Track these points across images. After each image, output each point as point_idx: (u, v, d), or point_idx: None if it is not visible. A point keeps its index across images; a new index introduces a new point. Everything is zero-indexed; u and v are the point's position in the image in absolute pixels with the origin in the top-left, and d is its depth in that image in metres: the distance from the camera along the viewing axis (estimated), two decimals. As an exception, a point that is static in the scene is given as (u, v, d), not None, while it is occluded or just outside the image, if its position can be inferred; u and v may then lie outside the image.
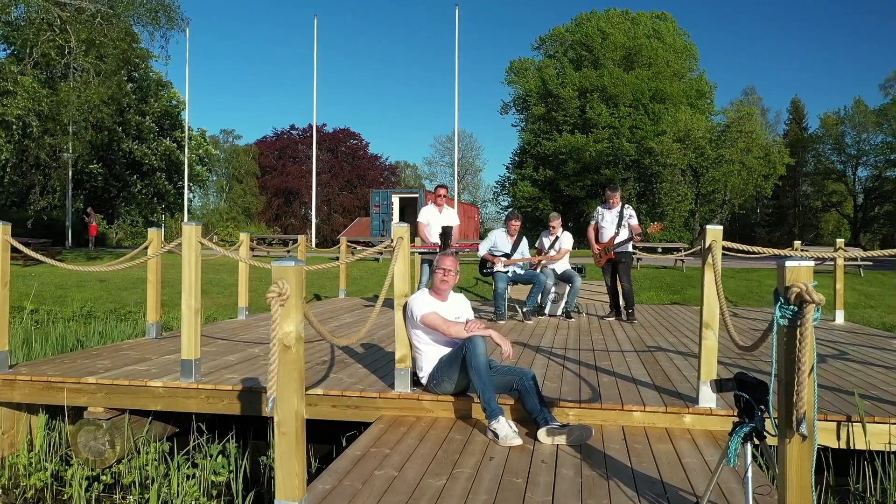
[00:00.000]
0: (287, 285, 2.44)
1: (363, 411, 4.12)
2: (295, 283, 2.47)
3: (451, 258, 4.19)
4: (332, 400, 4.14)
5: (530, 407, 3.73)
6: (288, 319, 2.46)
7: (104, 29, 13.27)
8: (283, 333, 2.46)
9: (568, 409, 3.93)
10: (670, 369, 5.02)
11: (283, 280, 2.44)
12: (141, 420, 4.63)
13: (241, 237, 7.99)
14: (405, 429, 3.80)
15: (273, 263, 2.46)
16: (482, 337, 3.81)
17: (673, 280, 15.84)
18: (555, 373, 4.81)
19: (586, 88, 44.08)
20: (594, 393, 4.18)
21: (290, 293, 2.44)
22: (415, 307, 4.04)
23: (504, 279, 7.93)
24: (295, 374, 2.49)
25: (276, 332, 2.43)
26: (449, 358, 3.94)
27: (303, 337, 2.54)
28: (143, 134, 33.61)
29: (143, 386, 4.35)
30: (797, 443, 2.20)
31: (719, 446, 3.50)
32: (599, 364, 5.20)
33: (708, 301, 3.80)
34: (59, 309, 11.72)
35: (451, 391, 4.00)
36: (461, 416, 4.00)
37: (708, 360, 3.82)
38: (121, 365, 4.92)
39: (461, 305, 4.30)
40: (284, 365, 2.47)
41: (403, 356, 4.14)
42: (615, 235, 8.04)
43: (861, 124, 45.67)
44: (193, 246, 4.33)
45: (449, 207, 8.18)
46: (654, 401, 4.00)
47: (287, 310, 2.46)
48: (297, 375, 2.50)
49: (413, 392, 4.10)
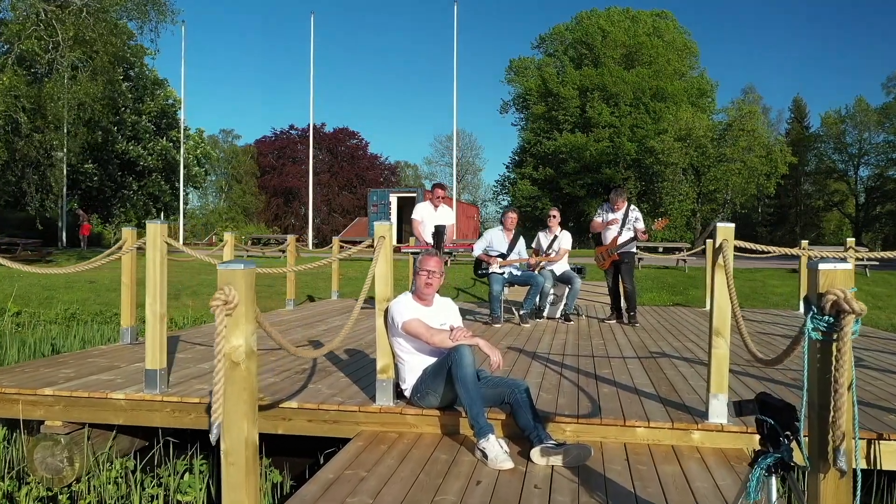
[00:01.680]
0: (234, 292, 2.09)
1: (342, 426, 3.78)
2: (244, 288, 2.12)
3: (436, 258, 3.83)
4: (308, 414, 3.80)
5: (523, 423, 3.39)
6: (236, 331, 2.12)
7: (92, 24, 12.93)
8: (230, 348, 2.12)
9: (565, 425, 3.58)
10: (675, 378, 4.68)
11: (229, 286, 2.09)
12: (105, 434, 4.29)
13: (226, 237, 7.64)
14: (386, 447, 3.46)
15: (219, 266, 2.12)
16: (469, 346, 3.47)
17: (675, 280, 15.50)
18: (551, 383, 4.47)
19: (587, 87, 43.73)
20: (593, 406, 3.84)
21: (238, 300, 2.10)
22: (396, 313, 3.69)
23: (500, 281, 7.59)
24: (245, 396, 2.14)
25: (222, 347, 2.08)
26: (434, 369, 3.60)
27: (255, 351, 2.20)
28: (138, 134, 33.27)
29: (103, 398, 4.01)
30: (833, 478, 1.86)
31: (732, 468, 3.16)
32: (599, 372, 4.85)
33: (719, 305, 3.45)
34: (44, 311, 11.39)
35: (436, 405, 3.65)
36: (448, 431, 3.65)
37: (718, 371, 3.47)
38: (85, 374, 4.58)
39: (448, 311, 3.95)
40: (233, 384, 2.12)
41: (385, 366, 3.79)
42: (618, 236, 7.70)
43: (863, 123, 45.30)
44: (158, 245, 3.98)
45: (445, 206, 7.83)
46: (659, 415, 3.65)
47: (235, 320, 2.11)
48: (247, 397, 2.16)
49: (396, 405, 3.75)
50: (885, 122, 43.79)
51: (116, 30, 13.93)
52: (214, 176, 58.09)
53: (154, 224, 4.01)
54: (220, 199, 58.96)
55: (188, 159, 35.25)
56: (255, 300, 2.19)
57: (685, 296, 13.27)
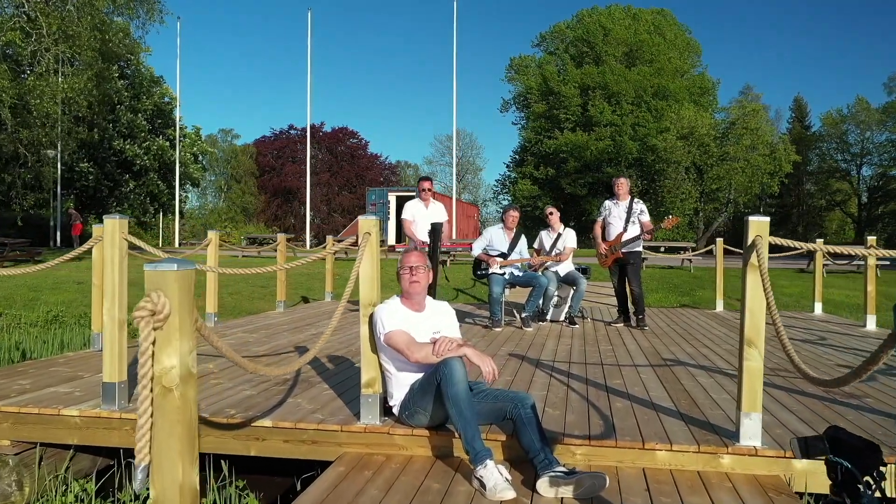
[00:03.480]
0: (165, 299, 1.65)
1: (322, 447, 3.34)
2: (179, 294, 1.68)
3: (416, 253, 3.40)
4: (284, 433, 3.36)
5: (527, 444, 2.95)
6: (169, 349, 1.68)
7: (76, 18, 12.49)
8: (160, 370, 1.68)
9: (575, 447, 3.14)
10: (695, 390, 4.23)
11: (159, 291, 1.66)
12: (62, 453, 3.85)
13: (210, 235, 7.20)
14: (370, 473, 3.02)
15: (146, 267, 1.68)
16: (459, 359, 3.01)
17: (681, 281, 15.07)
18: (558, 396, 4.02)
19: (588, 85, 43.28)
20: (606, 424, 3.40)
21: (170, 310, 1.66)
22: (380, 321, 3.25)
23: (500, 282, 7.14)
24: (180, 430, 1.70)
25: (148, 370, 1.64)
26: (422, 385, 3.15)
27: (193, 374, 1.76)
28: (134, 132, 32.82)
29: (55, 415, 3.57)
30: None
31: (770, 500, 2.72)
32: (610, 383, 4.41)
33: (751, 311, 3.01)
34: (27, 313, 10.95)
35: (426, 424, 3.21)
36: (441, 454, 3.21)
37: (751, 387, 3.03)
38: (42, 386, 4.14)
39: (442, 315, 3.49)
40: (164, 416, 1.69)
41: (371, 380, 3.35)
42: (622, 232, 7.26)
43: (864, 123, 44.83)
44: (117, 243, 3.54)
45: (435, 201, 7.37)
46: (682, 435, 3.21)
47: (167, 335, 1.67)
48: (183, 431, 1.72)
49: (383, 424, 3.32)
50: (887, 121, 43.31)
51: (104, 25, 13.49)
52: (214, 176, 57.70)
53: (112, 219, 3.57)
54: (220, 199, 58.58)
55: (185, 157, 34.79)
56: (194, 308, 1.75)
57: (692, 297, 12.83)
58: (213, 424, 3.40)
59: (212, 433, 3.41)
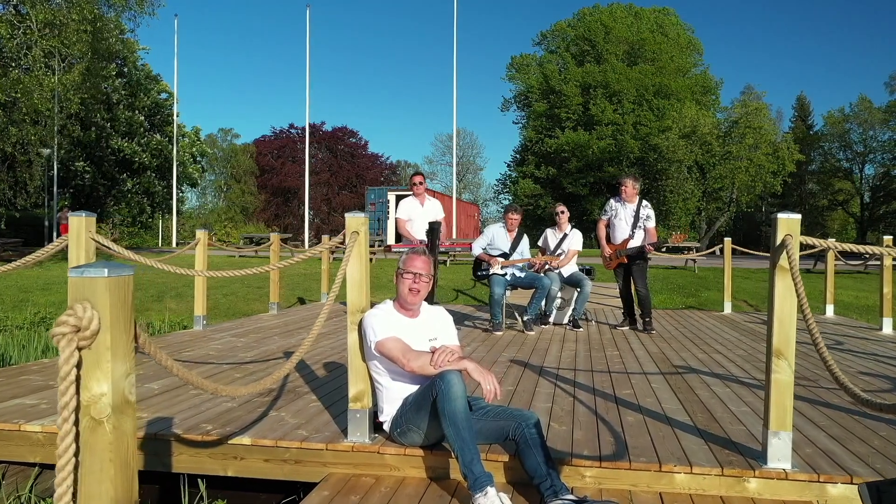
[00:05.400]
0: (93, 312, 1.35)
1: (305, 468, 3.04)
2: (111, 306, 1.38)
3: (423, 258, 3.08)
4: (264, 452, 3.06)
5: (532, 468, 2.65)
6: (98, 373, 1.38)
7: (65, 10, 12.18)
8: (88, 398, 1.38)
9: (584, 469, 2.84)
10: (711, 402, 3.93)
11: (85, 303, 1.35)
12: (26, 470, 3.55)
13: (198, 234, 6.90)
14: (358, 497, 2.72)
15: (70, 272, 1.38)
16: (457, 372, 2.69)
17: (685, 281, 14.76)
18: (563, 408, 3.72)
19: (589, 84, 42.97)
20: (618, 441, 3.09)
21: (99, 325, 1.36)
22: (370, 327, 2.95)
23: (501, 283, 6.83)
24: (113, 472, 1.40)
25: (68, 398, 1.34)
26: (416, 400, 2.85)
27: (131, 401, 1.45)
28: (132, 129, 32.50)
29: (15, 430, 3.27)
30: None
31: (806, 532, 2.42)
32: (619, 393, 4.11)
33: (781, 320, 2.71)
34: (14, 315, 10.65)
35: (420, 444, 2.91)
36: (436, 475, 2.91)
37: (780, 403, 2.73)
38: (8, 396, 3.84)
39: (439, 323, 3.19)
40: (93, 454, 1.38)
41: (360, 393, 3.05)
42: (629, 238, 6.95)
43: (867, 122, 44.48)
44: (83, 243, 3.24)
45: (431, 198, 7.07)
46: (702, 455, 2.91)
47: (96, 355, 1.37)
48: (117, 473, 1.41)
49: (372, 442, 3.01)
50: (890, 119, 42.96)
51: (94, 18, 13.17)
52: (213, 175, 57.39)
53: (78, 217, 3.27)
54: (220, 198, 58.29)
55: (183, 156, 34.48)
56: (132, 322, 1.45)
57: (697, 298, 12.52)
58: (186, 442, 3.10)
59: (185, 451, 3.11)
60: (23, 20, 11.94)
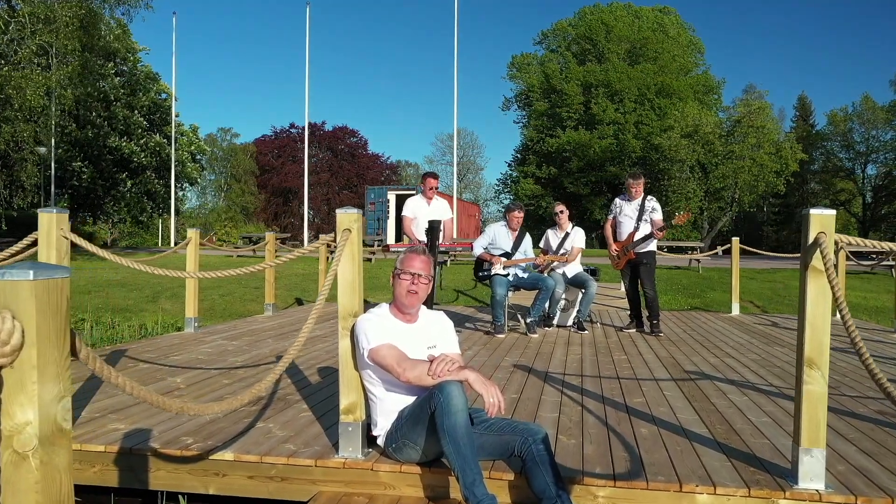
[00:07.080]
0: (15, 323, 1.11)
1: (292, 486, 2.79)
2: (38, 316, 1.14)
3: (423, 258, 2.83)
4: (248, 468, 2.81)
5: (540, 488, 2.41)
6: (21, 397, 1.13)
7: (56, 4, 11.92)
8: (11, 428, 1.14)
9: (596, 489, 2.59)
10: (729, 412, 3.68)
11: (4, 313, 1.11)
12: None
13: (190, 233, 6.67)
14: (349, 520, 2.48)
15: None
16: (457, 384, 2.44)
17: (689, 282, 14.53)
18: (572, 418, 3.48)
19: (590, 83, 42.71)
20: (632, 457, 2.85)
21: (22, 340, 1.12)
22: (363, 333, 2.70)
23: (503, 284, 6.58)
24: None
25: (-18, 429, 1.10)
26: (412, 413, 2.60)
27: (66, 430, 1.21)
28: (131, 128, 32.24)
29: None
30: None
31: (845, 563, 2.17)
32: (630, 402, 3.86)
33: (813, 325, 2.47)
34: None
35: (417, 460, 2.67)
36: (435, 494, 2.67)
37: (813, 418, 2.48)
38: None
39: (438, 329, 2.94)
40: (16, 495, 1.14)
41: (352, 405, 2.81)
42: (634, 231, 6.74)
43: (870, 121, 44.21)
44: (54, 243, 3.00)
45: (438, 198, 6.85)
46: (726, 474, 2.66)
47: (19, 376, 1.13)
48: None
49: (365, 458, 2.77)
50: (893, 119, 42.68)
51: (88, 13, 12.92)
52: (213, 175, 57.16)
53: (48, 213, 3.03)
54: (219, 198, 58.08)
55: (182, 155, 34.22)
56: (66, 334, 1.21)
57: (703, 299, 12.29)
58: (164, 457, 2.86)
59: (163, 467, 2.87)
60: (14, 15, 11.70)
